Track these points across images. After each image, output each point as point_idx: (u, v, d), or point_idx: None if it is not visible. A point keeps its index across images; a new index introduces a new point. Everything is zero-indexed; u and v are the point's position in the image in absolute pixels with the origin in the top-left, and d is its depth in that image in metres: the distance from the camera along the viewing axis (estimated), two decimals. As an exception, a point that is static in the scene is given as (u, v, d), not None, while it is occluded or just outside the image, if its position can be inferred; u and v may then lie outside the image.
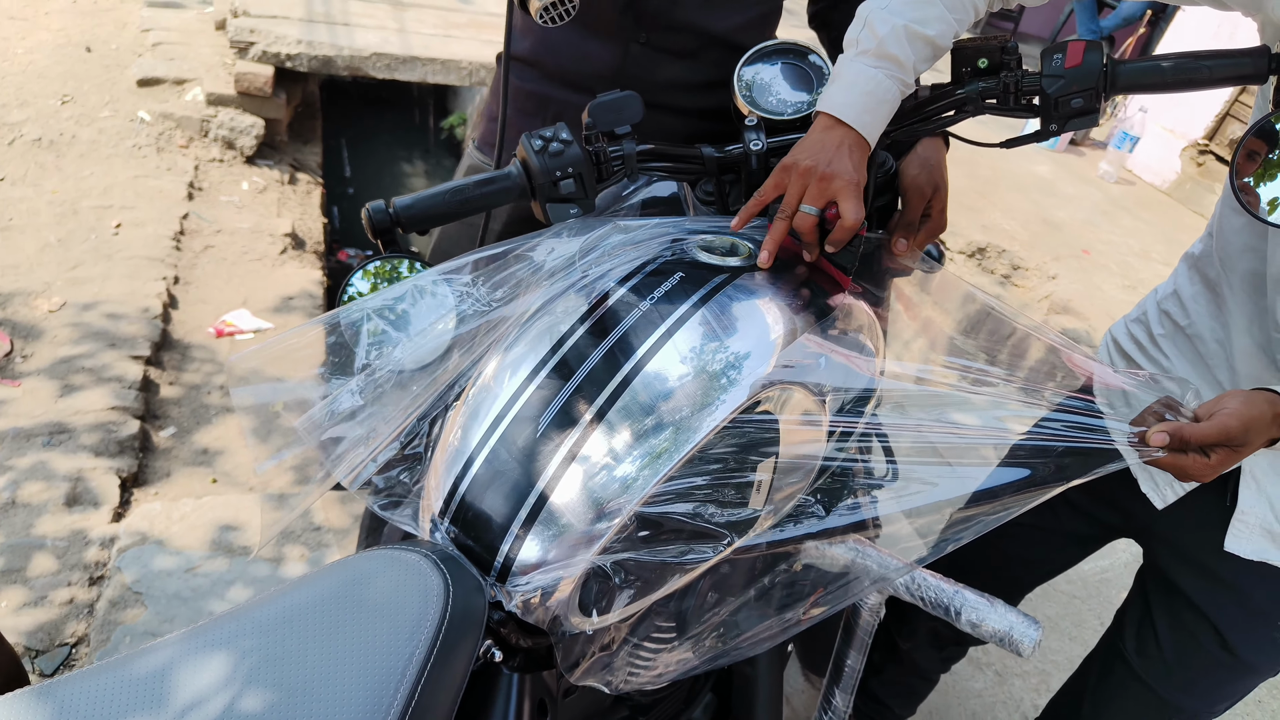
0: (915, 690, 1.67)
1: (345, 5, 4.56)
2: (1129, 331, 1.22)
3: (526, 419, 0.72)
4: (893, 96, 0.91)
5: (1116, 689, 1.25)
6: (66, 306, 2.61)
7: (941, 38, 0.93)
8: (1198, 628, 1.13)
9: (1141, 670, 1.20)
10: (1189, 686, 1.18)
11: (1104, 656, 1.29)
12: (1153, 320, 1.18)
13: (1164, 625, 1.17)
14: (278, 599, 0.63)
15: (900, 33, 0.90)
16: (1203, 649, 1.13)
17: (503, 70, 1.08)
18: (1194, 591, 1.12)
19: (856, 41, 0.93)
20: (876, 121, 0.91)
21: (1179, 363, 1.11)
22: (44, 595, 1.74)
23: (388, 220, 0.86)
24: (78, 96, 3.77)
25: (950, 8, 0.93)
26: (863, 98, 0.90)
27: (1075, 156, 5.40)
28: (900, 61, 0.91)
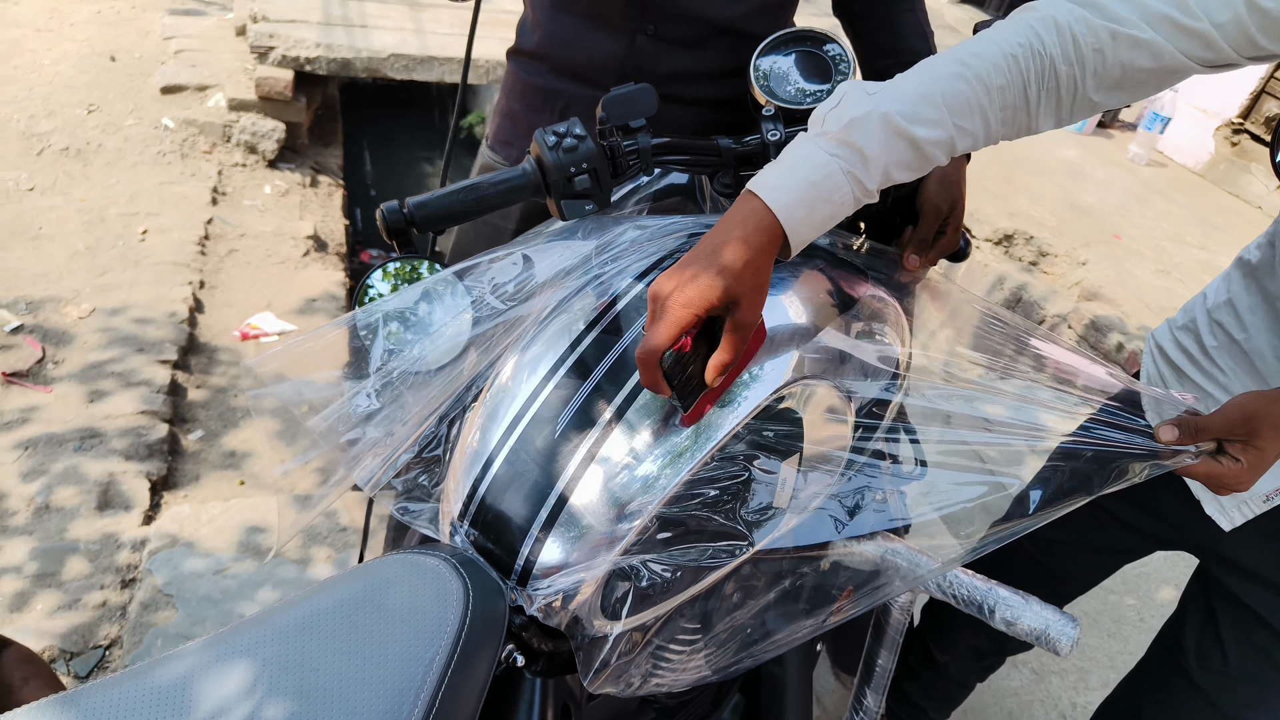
0: (951, 695, 1.64)
1: (362, 7, 4.59)
2: (1176, 340, 1.15)
3: (545, 419, 0.71)
4: (841, 197, 0.70)
5: (1175, 703, 1.21)
6: (95, 313, 2.65)
7: (931, 146, 0.72)
8: (1267, 643, 1.08)
9: (1206, 685, 1.15)
10: (1258, 703, 1.14)
11: (1161, 670, 1.25)
12: (1204, 330, 1.10)
13: (1232, 642, 1.12)
14: (298, 605, 0.63)
15: (876, 121, 0.70)
16: (1272, 664, 1.09)
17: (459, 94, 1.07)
18: (1265, 609, 1.08)
19: (822, 120, 0.72)
20: (810, 220, 0.70)
21: (1235, 378, 1.04)
22: (77, 598, 1.77)
23: (402, 220, 0.85)
24: (103, 105, 3.82)
25: (952, 109, 0.72)
26: (803, 186, 0.69)
27: (1104, 139, 5.30)
28: (865, 155, 0.70)
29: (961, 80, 0.72)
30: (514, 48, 1.27)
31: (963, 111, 0.72)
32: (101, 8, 4.80)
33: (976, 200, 3.98)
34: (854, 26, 1.25)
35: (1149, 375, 1.19)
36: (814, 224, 0.71)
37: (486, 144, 1.33)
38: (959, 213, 1.01)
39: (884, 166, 0.71)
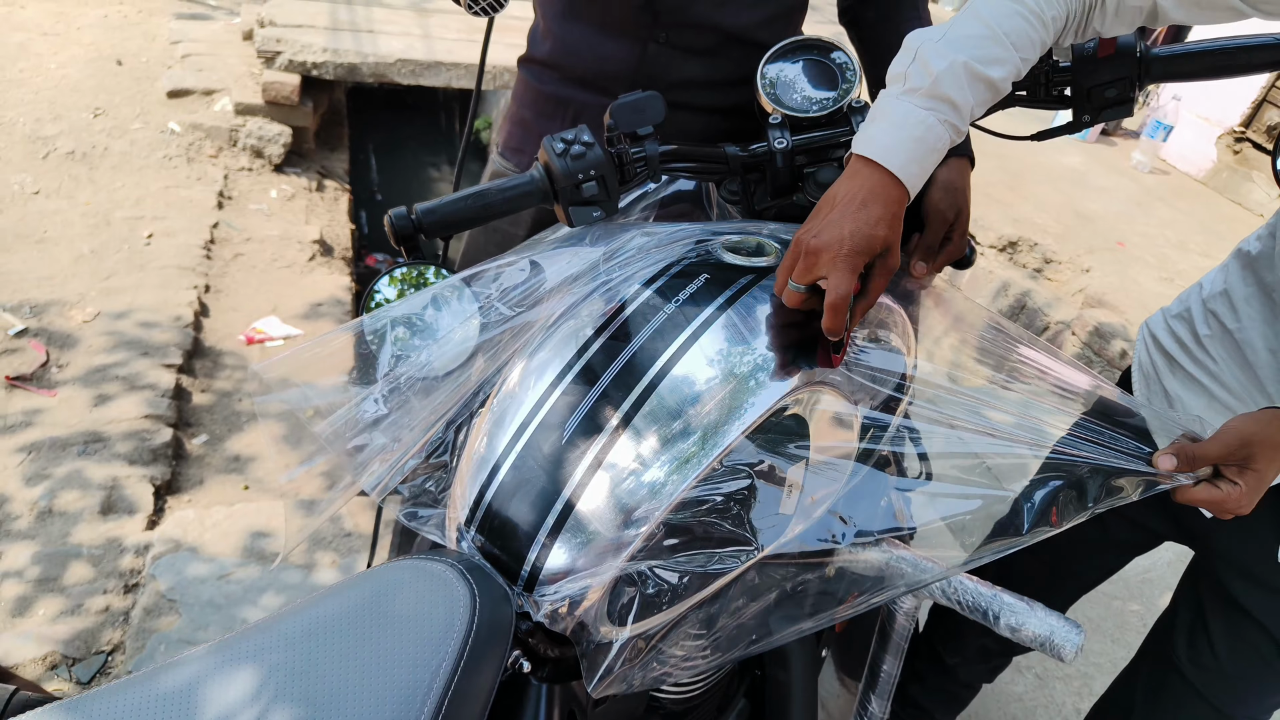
0: (958, 697, 1.64)
1: (370, 13, 4.61)
2: (1169, 328, 1.16)
3: (552, 425, 0.71)
4: (944, 145, 0.78)
5: (1168, 698, 1.21)
6: (100, 316, 2.65)
7: (1004, 81, 0.80)
8: (1257, 639, 1.09)
9: (1195, 680, 1.16)
10: (1246, 696, 1.14)
11: (1153, 665, 1.25)
12: (1198, 319, 1.11)
13: (1220, 635, 1.13)
14: (303, 611, 0.63)
15: (960, 71, 0.77)
16: (1262, 659, 1.09)
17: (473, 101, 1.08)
18: (1252, 603, 1.08)
19: (905, 77, 0.79)
20: (923, 172, 0.78)
21: (1226, 368, 1.05)
22: (80, 603, 1.77)
23: (410, 226, 0.85)
24: (109, 109, 3.84)
25: (1017, 45, 0.80)
26: (911, 144, 0.77)
27: (1107, 147, 5.30)
28: (957, 105, 0.78)
29: (1020, 18, 0.80)
30: (525, 56, 1.27)
31: (1026, 46, 0.80)
32: (108, 12, 4.82)
33: (981, 207, 3.98)
34: (860, 35, 1.25)
35: (1141, 364, 1.19)
36: (924, 173, 0.79)
37: (497, 151, 1.33)
38: (964, 220, 1.01)
39: (970, 108, 0.79)
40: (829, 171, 0.94)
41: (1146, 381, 1.18)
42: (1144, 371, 1.19)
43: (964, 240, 1.01)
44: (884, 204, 0.75)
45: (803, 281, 0.75)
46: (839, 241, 0.73)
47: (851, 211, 0.75)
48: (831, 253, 0.73)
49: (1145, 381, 1.18)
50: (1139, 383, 1.20)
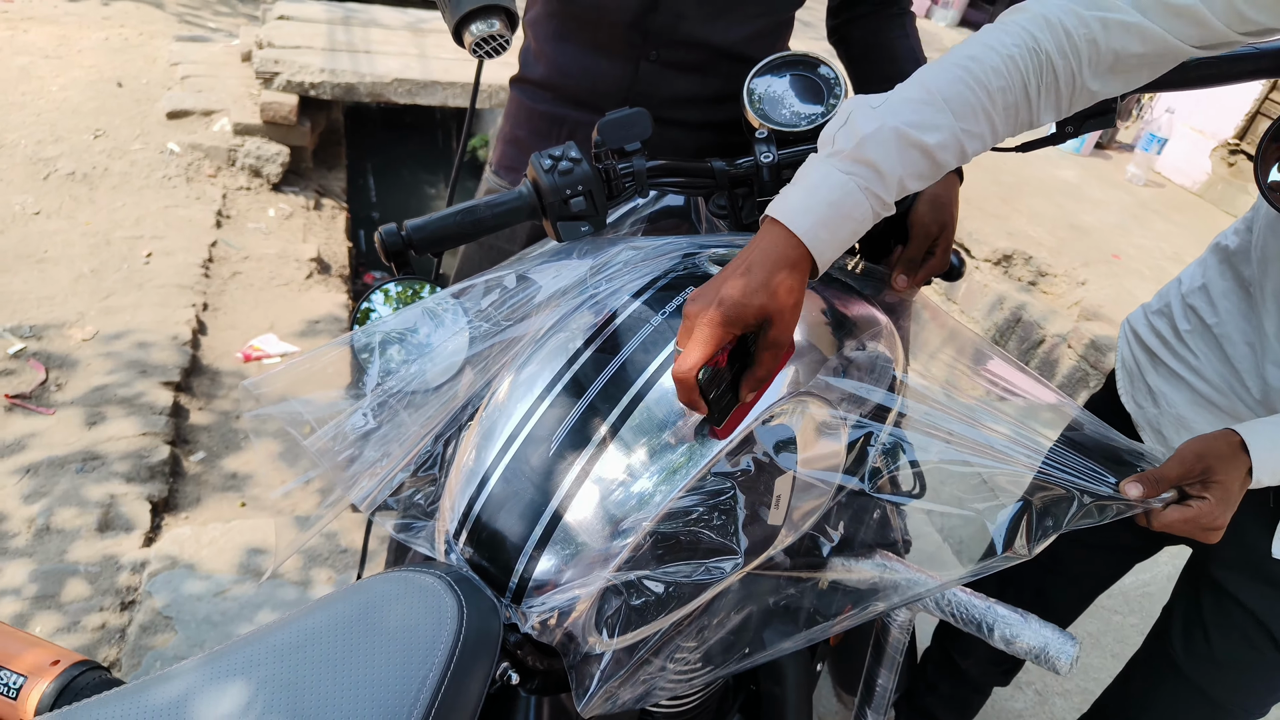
0: (969, 703, 1.65)
1: (367, 33, 4.65)
2: (1150, 324, 1.17)
3: (540, 438, 0.72)
4: (861, 214, 0.72)
5: (1164, 691, 1.22)
6: (99, 335, 2.66)
7: (941, 150, 0.73)
8: (1251, 631, 1.10)
9: (1190, 672, 1.17)
10: (1240, 687, 1.15)
11: (1149, 659, 1.26)
12: (1177, 314, 1.12)
13: (1215, 627, 1.14)
14: (292, 624, 0.63)
15: (889, 135, 0.71)
16: (1256, 651, 1.11)
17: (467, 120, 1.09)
18: (1246, 596, 1.09)
19: (832, 140, 0.73)
20: (835, 240, 0.72)
21: (1206, 363, 1.07)
22: (77, 620, 1.76)
23: (400, 242, 0.86)
24: (110, 130, 3.87)
25: (957, 113, 0.73)
26: (823, 207, 0.71)
27: (1102, 160, 5.33)
28: (881, 172, 0.71)
29: (963, 85, 0.73)
30: (517, 76, 1.28)
31: (968, 115, 0.73)
32: (109, 35, 4.87)
33: (975, 221, 4.00)
34: (849, 52, 1.27)
35: (1124, 360, 1.21)
36: (838, 242, 0.72)
37: (490, 169, 1.34)
38: (949, 234, 1.02)
39: (899, 178, 0.73)
40: (815, 185, 0.95)
41: (1130, 378, 1.19)
42: (1127, 368, 1.20)
43: (948, 255, 1.02)
44: (772, 270, 0.69)
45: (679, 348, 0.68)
46: (705, 309, 0.67)
47: (734, 275, 0.69)
48: (692, 320, 0.68)
49: (1129, 378, 1.19)
50: (1123, 379, 1.21)
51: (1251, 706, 1.17)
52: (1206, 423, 1.08)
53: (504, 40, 0.93)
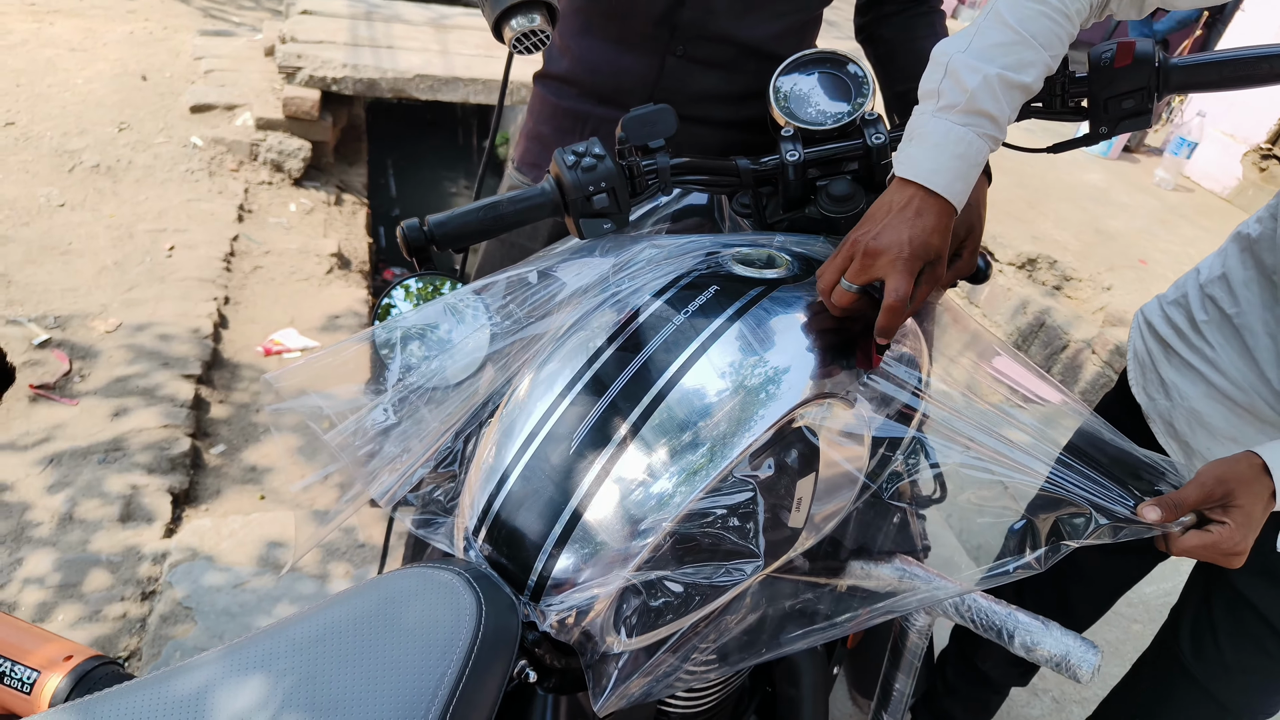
0: (988, 705, 1.64)
1: (389, 29, 4.67)
2: (1166, 315, 1.14)
3: (560, 436, 0.71)
4: (983, 156, 0.80)
5: (1171, 692, 1.20)
6: (122, 327, 2.69)
7: (1037, 82, 0.81)
8: (1259, 630, 1.08)
9: (1199, 674, 1.15)
10: (1248, 690, 1.13)
11: (1157, 660, 1.24)
12: (1194, 304, 1.09)
13: (1224, 628, 1.12)
14: (311, 617, 0.63)
15: (994, 83, 0.78)
16: (1263, 651, 1.09)
17: (495, 116, 1.09)
18: (1257, 597, 1.07)
19: (938, 94, 0.80)
20: (967, 188, 0.80)
21: (1223, 354, 1.04)
22: (98, 610, 1.78)
23: (422, 238, 0.86)
24: (134, 124, 3.91)
25: (1046, 45, 0.80)
26: (953, 161, 0.78)
27: (1129, 164, 5.26)
28: (994, 117, 0.79)
29: (1046, 18, 0.80)
30: (541, 72, 1.28)
31: (1054, 44, 0.81)
32: (134, 29, 4.92)
33: (1000, 224, 3.96)
34: (876, 51, 1.25)
35: (1136, 352, 1.18)
36: (969, 187, 0.80)
37: (513, 166, 1.34)
38: (976, 236, 1.00)
39: (1006, 117, 0.81)
40: (841, 184, 0.94)
41: (1142, 369, 1.17)
42: (1139, 359, 1.18)
43: (974, 257, 1.00)
44: (935, 216, 0.78)
45: (858, 281, 0.77)
46: (900, 245, 0.76)
47: (909, 219, 0.77)
48: (892, 255, 0.76)
49: (1141, 369, 1.17)
50: (1134, 371, 1.19)
51: (1258, 709, 1.15)
52: (1221, 417, 1.05)
53: (544, 35, 0.92)
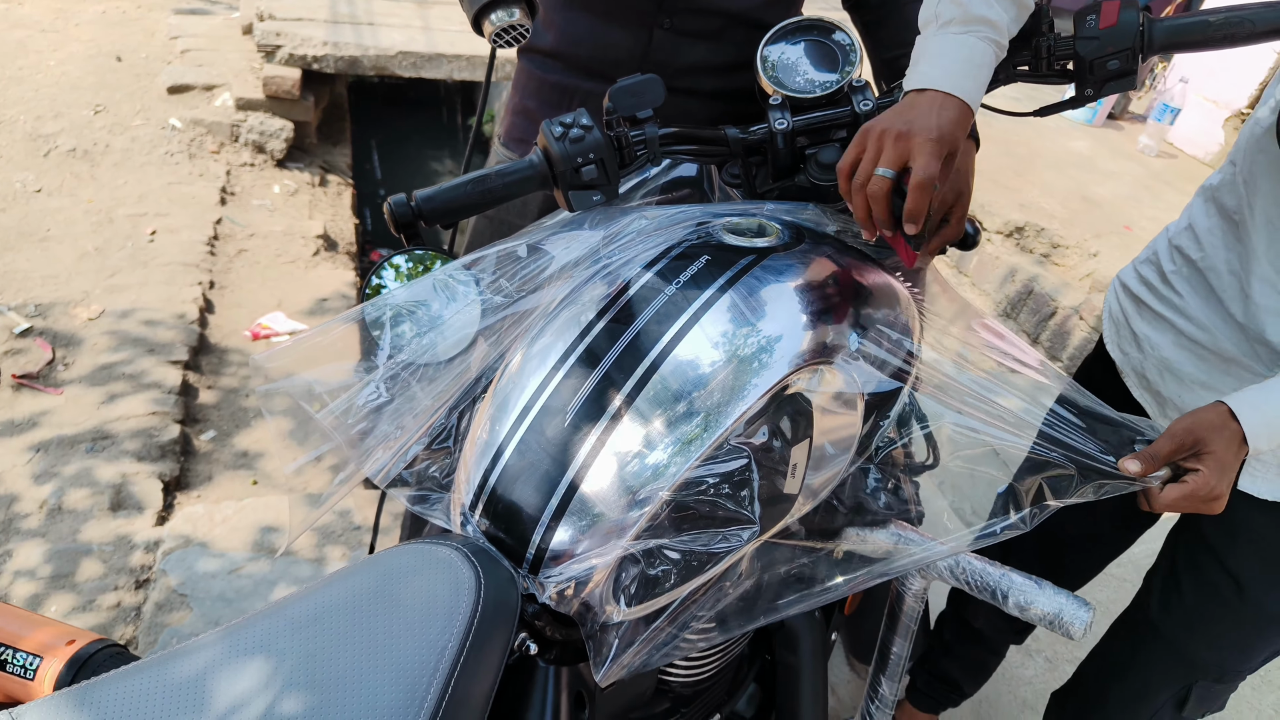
0: (985, 664, 1.67)
1: (370, 5, 4.60)
2: (1138, 274, 1.19)
3: (555, 409, 0.71)
4: (989, 60, 0.84)
5: (1141, 652, 1.25)
6: (105, 314, 2.66)
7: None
8: (1218, 578, 1.11)
9: (1165, 628, 1.19)
10: (1212, 641, 1.16)
11: (1127, 623, 1.29)
12: (1164, 258, 1.15)
13: (1188, 578, 1.16)
14: (310, 596, 0.63)
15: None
16: (1223, 600, 1.12)
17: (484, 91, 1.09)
18: (1215, 540, 1.11)
19: (936, 16, 0.86)
20: (977, 87, 0.84)
21: (1190, 300, 1.09)
22: (92, 599, 1.78)
23: (410, 213, 0.85)
24: (110, 106, 3.84)
25: None
26: (959, 64, 0.83)
27: (1114, 131, 5.26)
28: (992, 22, 0.84)
29: None
30: (526, 45, 1.26)
31: None
32: (106, 8, 4.82)
33: (987, 193, 3.96)
34: (864, 17, 1.24)
35: (1111, 311, 1.24)
36: (981, 87, 0.85)
37: (499, 142, 1.32)
38: (964, 202, 1.00)
39: (1005, 24, 0.85)
40: (830, 151, 0.94)
41: (1117, 327, 1.22)
42: (1114, 318, 1.23)
43: (962, 224, 1.00)
44: (955, 110, 0.81)
45: (895, 166, 0.79)
46: (929, 129, 0.79)
47: (934, 110, 0.81)
48: (922, 137, 0.79)
49: (1115, 327, 1.22)
50: (1109, 330, 1.24)
51: (1227, 665, 1.18)
52: (1189, 363, 1.09)
53: (524, 29, 0.91)
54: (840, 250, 0.88)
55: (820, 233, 0.90)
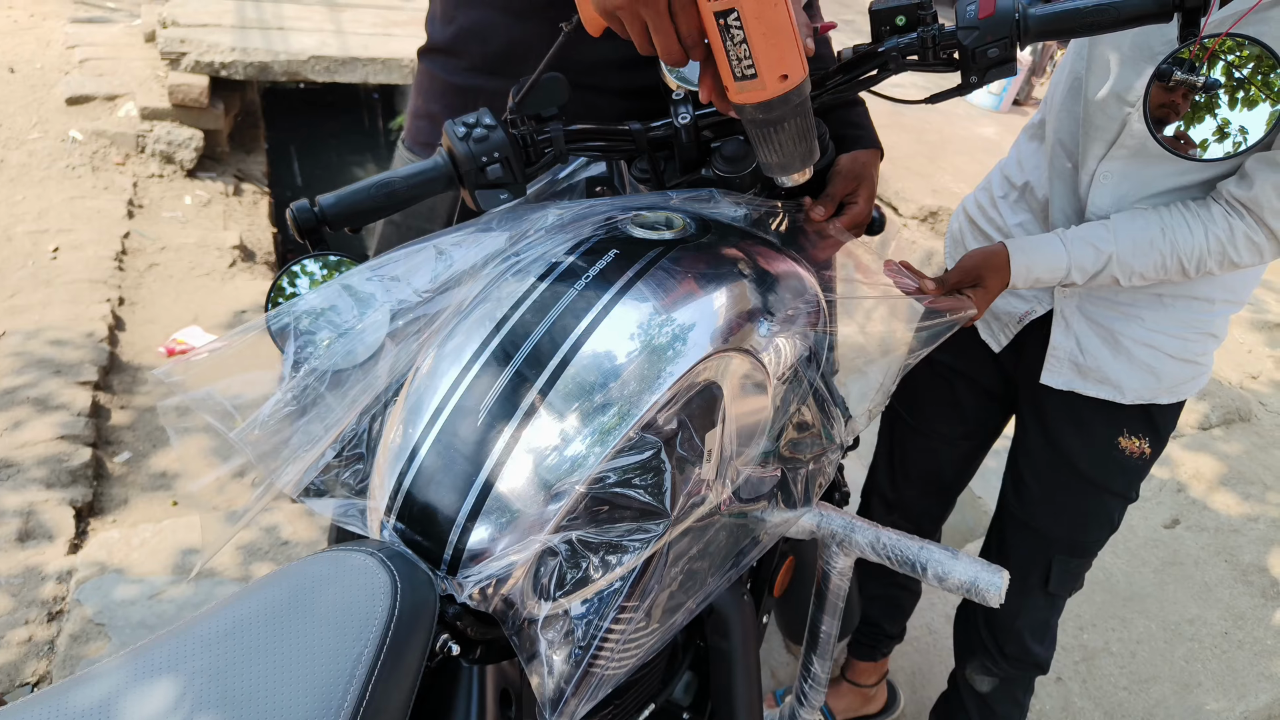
0: (900, 603, 1.75)
1: (279, 9, 4.47)
2: (975, 199, 1.42)
3: (468, 408, 0.71)
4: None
5: (1005, 538, 1.46)
6: (6, 336, 2.53)
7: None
8: (1051, 458, 1.36)
9: (1020, 512, 1.42)
10: (1057, 514, 1.37)
11: (997, 518, 1.50)
12: (995, 184, 1.38)
13: (1025, 462, 1.40)
14: (219, 613, 0.61)
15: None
16: (1058, 474, 1.36)
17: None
18: (1043, 426, 1.35)
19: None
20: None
21: (1010, 218, 1.33)
22: (1, 635, 1.69)
23: (313, 219, 0.83)
24: (3, 119, 3.65)
25: None
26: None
27: (1020, 116, 5.47)
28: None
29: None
30: (426, 46, 1.24)
31: None
32: (-3, 18, 4.58)
33: (901, 180, 4.08)
34: None
35: (951, 233, 1.48)
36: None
37: (404, 146, 1.30)
38: (869, 191, 1.04)
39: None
40: (732, 144, 0.95)
41: (954, 244, 1.45)
42: (953, 236, 1.46)
43: (870, 204, 1.04)
44: None
45: None
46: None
47: None
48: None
49: (953, 244, 1.46)
50: (949, 245, 1.48)
51: (1077, 538, 1.39)
52: None
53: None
54: (747, 239, 0.90)
55: (727, 224, 0.91)
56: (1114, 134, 1.14)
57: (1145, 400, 1.27)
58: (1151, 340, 1.23)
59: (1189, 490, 2.65)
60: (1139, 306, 1.23)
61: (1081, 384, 1.28)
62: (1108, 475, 1.33)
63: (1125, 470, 1.32)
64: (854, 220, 1.02)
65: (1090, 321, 1.26)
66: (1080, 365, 1.27)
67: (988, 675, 1.54)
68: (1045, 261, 1.12)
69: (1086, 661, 2.04)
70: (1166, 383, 1.26)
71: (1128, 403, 1.27)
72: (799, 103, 0.74)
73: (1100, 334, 1.25)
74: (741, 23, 0.67)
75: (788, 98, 0.73)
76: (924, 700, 1.88)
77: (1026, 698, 1.59)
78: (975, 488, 2.56)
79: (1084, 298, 1.25)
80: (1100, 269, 1.12)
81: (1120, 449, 1.31)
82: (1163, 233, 1.10)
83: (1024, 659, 1.48)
